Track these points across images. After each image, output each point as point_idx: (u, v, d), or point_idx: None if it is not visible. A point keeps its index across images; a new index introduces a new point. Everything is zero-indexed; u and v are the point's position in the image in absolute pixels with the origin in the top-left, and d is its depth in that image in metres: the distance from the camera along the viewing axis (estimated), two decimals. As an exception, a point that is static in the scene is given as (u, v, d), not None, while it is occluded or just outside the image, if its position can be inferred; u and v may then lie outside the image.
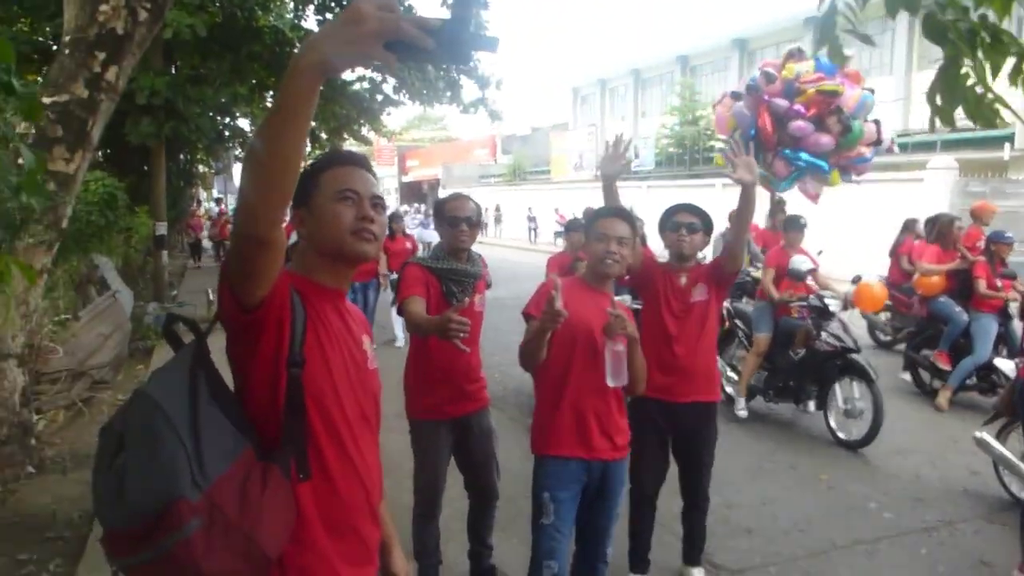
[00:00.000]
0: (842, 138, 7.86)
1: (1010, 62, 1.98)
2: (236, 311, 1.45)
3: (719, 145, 24.86)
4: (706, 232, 3.64)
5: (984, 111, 2.03)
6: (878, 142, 8.39)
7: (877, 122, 8.55)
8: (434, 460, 3.41)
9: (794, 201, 10.24)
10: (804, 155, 7.92)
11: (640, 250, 3.67)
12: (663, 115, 29.07)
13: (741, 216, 3.49)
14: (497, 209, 35.51)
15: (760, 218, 12.31)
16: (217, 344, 1.50)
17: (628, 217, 3.01)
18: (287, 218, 1.59)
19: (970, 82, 2.03)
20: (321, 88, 1.27)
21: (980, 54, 1.95)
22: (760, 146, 8.23)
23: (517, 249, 28.37)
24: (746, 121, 8.25)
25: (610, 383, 2.83)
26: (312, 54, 1.20)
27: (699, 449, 3.70)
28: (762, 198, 9.94)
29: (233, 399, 1.53)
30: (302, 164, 1.37)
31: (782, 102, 7.92)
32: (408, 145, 53.60)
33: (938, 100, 2.05)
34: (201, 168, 25.28)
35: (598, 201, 3.51)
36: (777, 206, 11.30)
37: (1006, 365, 5.33)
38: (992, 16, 1.93)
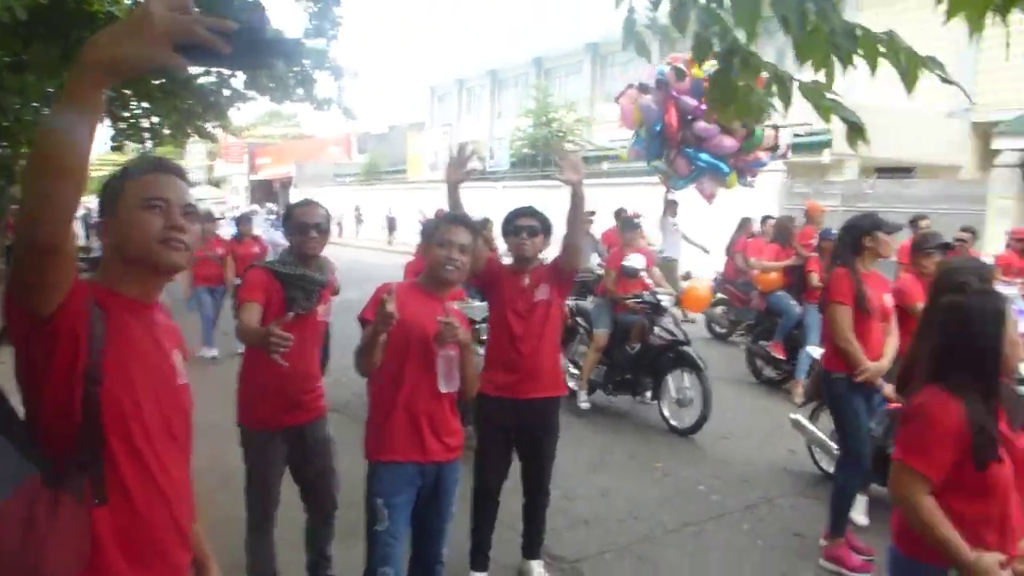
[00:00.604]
0: (745, 142, 8.15)
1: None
2: (25, 325, 1.38)
3: (570, 147, 25.57)
4: (546, 234, 3.79)
5: (752, 109, 2.37)
6: (775, 147, 8.80)
7: (775, 127, 8.94)
8: (266, 472, 3.32)
9: (687, 200, 10.71)
10: (705, 156, 8.16)
11: (482, 254, 3.74)
12: (518, 116, 29.51)
13: (572, 216, 3.60)
14: (357, 210, 34.99)
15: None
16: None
17: (471, 224, 3.06)
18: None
19: (740, 84, 2.32)
20: (163, 81, 1.24)
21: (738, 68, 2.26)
22: (665, 142, 8.43)
23: (374, 250, 28.03)
24: (653, 115, 8.34)
25: (442, 388, 2.89)
26: (96, 54, 1.16)
27: (542, 445, 3.81)
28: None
29: (18, 421, 1.45)
30: (109, 170, 1.32)
31: (690, 100, 8.04)
32: (258, 142, 51.48)
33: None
34: (24, 163, 23.30)
35: (463, 200, 3.58)
36: (670, 205, 11.75)
37: (817, 352, 5.82)
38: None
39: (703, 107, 8.02)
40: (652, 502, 4.99)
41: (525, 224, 3.74)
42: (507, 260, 3.97)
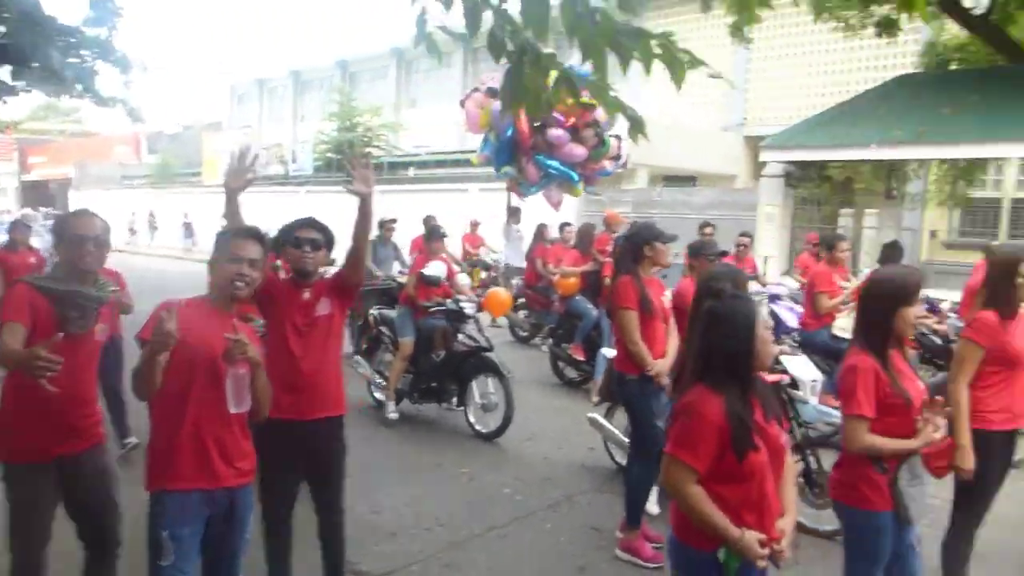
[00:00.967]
0: (594, 151, 8.25)
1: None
2: None
3: (378, 152, 25.31)
4: (328, 248, 3.62)
5: (542, 105, 2.55)
6: (617, 157, 9.04)
7: (618, 137, 9.20)
8: (34, 509, 3.01)
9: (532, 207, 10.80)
10: (556, 163, 8.18)
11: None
12: (322, 120, 28.87)
13: (359, 229, 3.54)
14: (151, 216, 32.74)
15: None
16: None
17: (260, 238, 2.95)
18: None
19: (530, 83, 2.48)
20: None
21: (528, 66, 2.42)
22: (516, 148, 8.38)
23: (172, 259, 26.30)
24: (503, 121, 8.23)
25: (232, 409, 2.79)
26: None
27: (329, 465, 3.65)
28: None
29: None
30: None
31: None
32: (31, 139, 46.63)
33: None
34: None
35: (258, 207, 3.39)
36: (513, 213, 11.80)
37: (610, 353, 6.14)
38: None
39: (554, 115, 8.11)
40: (459, 508, 5.05)
41: (307, 236, 3.54)
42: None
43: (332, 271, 3.73)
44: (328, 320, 3.58)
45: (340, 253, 3.69)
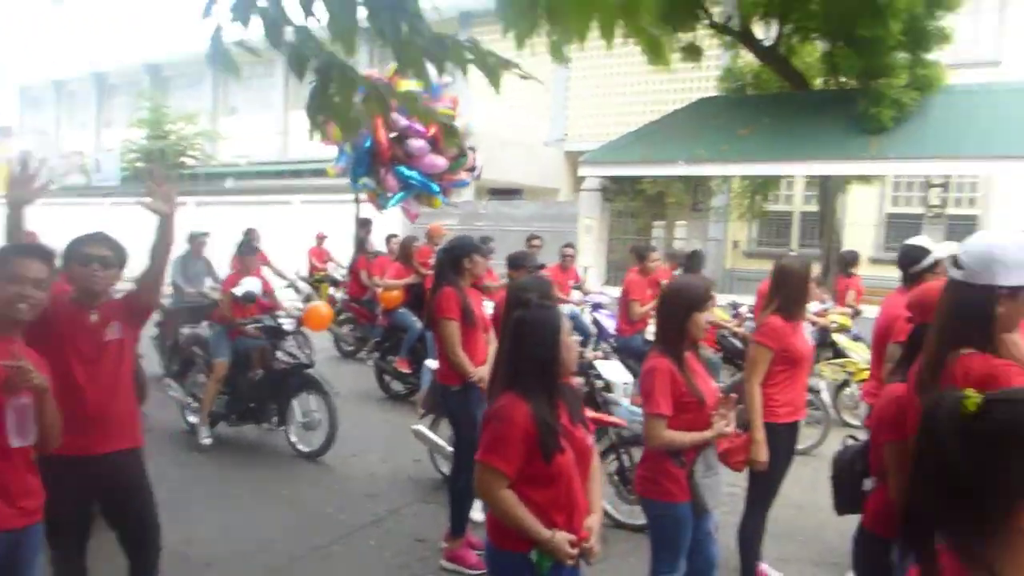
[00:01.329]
0: (454, 162, 8.09)
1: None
2: None
3: (193, 162, 24.04)
4: (120, 267, 3.31)
5: (350, 122, 2.62)
6: (472, 168, 8.94)
7: (473, 149, 9.08)
8: None
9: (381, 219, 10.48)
10: (416, 174, 7.95)
11: None
12: (131, 127, 26.98)
13: (158, 249, 3.30)
14: None
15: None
16: None
17: (46, 255, 2.72)
18: None
19: (337, 99, 2.46)
20: None
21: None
22: (374, 159, 8.06)
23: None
24: (361, 132, 7.90)
25: (14, 443, 2.56)
26: None
27: (133, 503, 3.36)
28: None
29: None
30: None
31: (401, 119, 7.67)
32: None
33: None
34: None
35: (58, 220, 3.07)
36: (363, 227, 11.40)
37: (434, 365, 6.15)
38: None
39: (414, 126, 7.95)
40: (279, 532, 4.87)
41: (99, 253, 3.21)
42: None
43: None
44: (119, 345, 3.27)
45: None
